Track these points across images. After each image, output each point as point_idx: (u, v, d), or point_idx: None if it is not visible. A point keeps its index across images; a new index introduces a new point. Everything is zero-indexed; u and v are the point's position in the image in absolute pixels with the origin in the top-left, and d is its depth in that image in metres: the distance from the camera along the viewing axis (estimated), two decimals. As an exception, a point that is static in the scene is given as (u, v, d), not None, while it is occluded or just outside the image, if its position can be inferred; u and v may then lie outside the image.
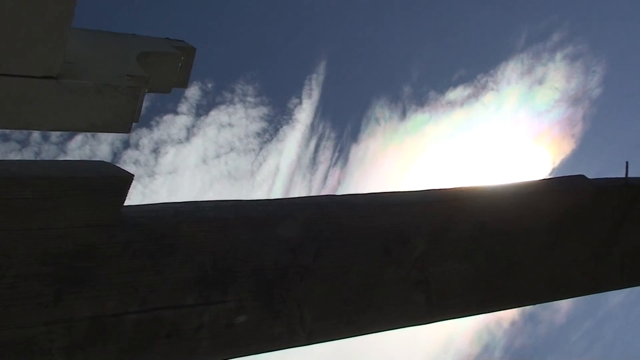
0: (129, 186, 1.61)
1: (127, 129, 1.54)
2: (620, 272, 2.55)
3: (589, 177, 2.46)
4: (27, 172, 1.51)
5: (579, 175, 2.44)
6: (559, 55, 25.49)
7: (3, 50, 1.39)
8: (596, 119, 25.59)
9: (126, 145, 24.81)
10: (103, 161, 1.65)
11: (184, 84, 1.63)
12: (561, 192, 2.35)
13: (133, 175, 1.61)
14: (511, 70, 25.63)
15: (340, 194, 2.14)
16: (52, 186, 1.51)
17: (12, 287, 1.53)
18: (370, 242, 2.00)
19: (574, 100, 25.25)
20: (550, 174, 24.18)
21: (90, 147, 23.95)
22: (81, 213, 1.56)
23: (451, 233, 2.14)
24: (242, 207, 1.85)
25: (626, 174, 2.50)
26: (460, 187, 2.20)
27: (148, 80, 1.52)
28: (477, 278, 2.19)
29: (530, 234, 2.31)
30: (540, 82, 25.67)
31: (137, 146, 25.00)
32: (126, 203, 1.66)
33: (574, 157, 25.31)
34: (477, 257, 2.17)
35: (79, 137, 24.05)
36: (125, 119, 1.50)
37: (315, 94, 26.01)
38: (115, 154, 24.66)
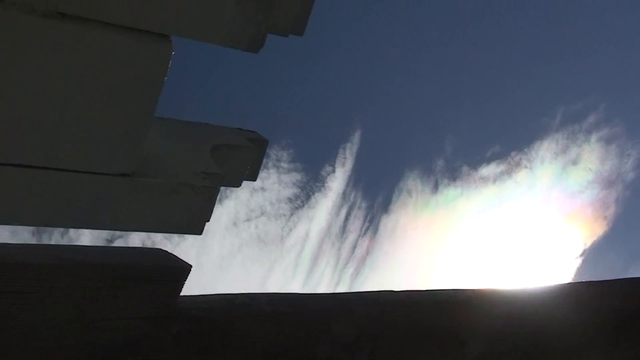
0: (187, 277, 1.54)
1: (199, 230, 1.48)
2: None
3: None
4: (80, 259, 1.45)
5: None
6: (594, 137, 25.33)
7: (79, 147, 1.35)
8: (629, 201, 25.26)
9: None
10: (160, 249, 1.58)
11: (254, 177, 1.56)
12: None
13: (191, 266, 1.53)
14: (545, 149, 25.47)
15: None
16: (106, 275, 1.44)
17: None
18: (427, 342, 1.89)
19: (608, 182, 24.98)
20: (581, 255, 23.54)
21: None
22: (136, 304, 1.48)
23: (509, 336, 2.03)
24: (297, 300, 1.76)
25: None
26: (520, 289, 2.11)
27: (223, 178, 1.46)
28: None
29: (587, 337, 2.21)
30: (575, 162, 25.46)
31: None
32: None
33: (605, 238, 24.91)
34: (537, 362, 2.06)
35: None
36: (200, 219, 1.44)
37: (349, 163, 26.03)
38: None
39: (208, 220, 1.51)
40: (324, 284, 25.64)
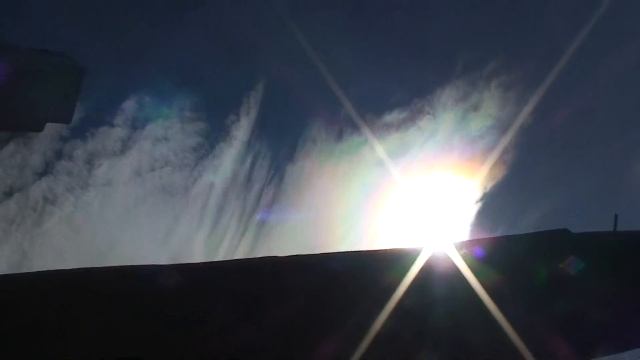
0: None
1: None
2: None
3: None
4: None
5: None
6: (494, 83, 25.82)
7: None
8: (526, 146, 25.64)
9: (59, 155, 24.44)
10: None
11: (67, 119, 1.22)
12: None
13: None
14: (447, 95, 25.87)
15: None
16: None
17: None
18: None
19: (507, 128, 25.39)
20: (481, 199, 23.81)
21: (22, 155, 23.51)
22: None
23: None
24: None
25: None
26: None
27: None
28: None
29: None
30: (475, 108, 25.87)
31: (70, 157, 24.64)
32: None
33: (504, 182, 25.19)
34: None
35: (12, 145, 23.66)
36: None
37: (254, 112, 26.00)
38: (48, 165, 24.26)
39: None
40: (229, 234, 25.33)
